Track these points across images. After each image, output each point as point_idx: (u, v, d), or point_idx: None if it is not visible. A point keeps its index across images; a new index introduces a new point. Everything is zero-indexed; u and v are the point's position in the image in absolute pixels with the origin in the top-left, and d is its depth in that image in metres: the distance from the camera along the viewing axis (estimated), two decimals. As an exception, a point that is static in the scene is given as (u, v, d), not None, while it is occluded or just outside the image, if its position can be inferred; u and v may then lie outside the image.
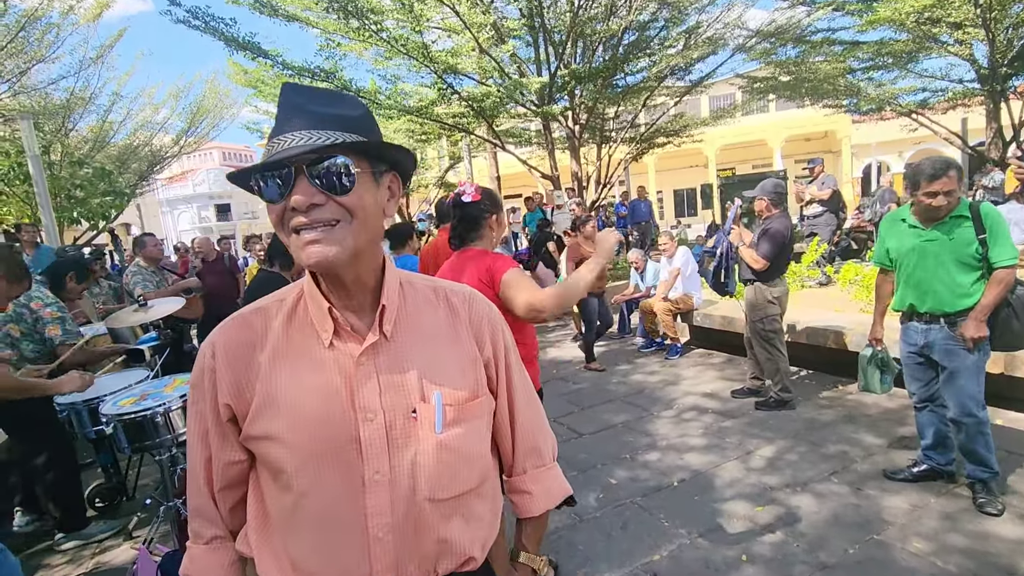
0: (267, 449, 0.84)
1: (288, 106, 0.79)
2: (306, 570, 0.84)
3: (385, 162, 0.84)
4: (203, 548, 0.94)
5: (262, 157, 0.79)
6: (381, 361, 0.85)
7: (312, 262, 0.76)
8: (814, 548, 2.51)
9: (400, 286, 0.91)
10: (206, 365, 0.87)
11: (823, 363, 4.72)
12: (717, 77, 11.31)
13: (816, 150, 23.72)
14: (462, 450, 0.88)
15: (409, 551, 0.85)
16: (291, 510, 0.84)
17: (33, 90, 10.88)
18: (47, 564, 2.98)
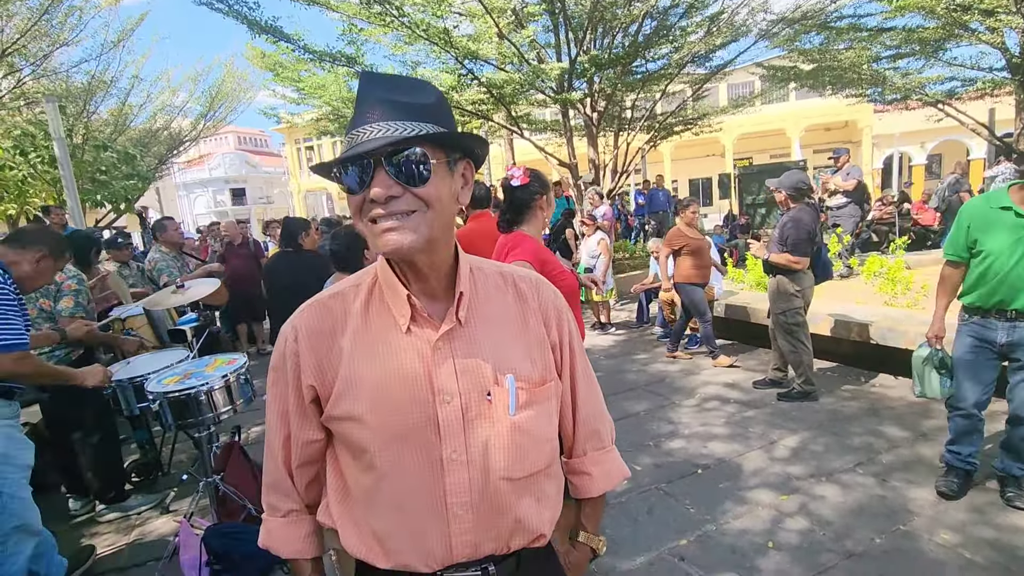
0: (349, 429, 0.87)
1: (366, 95, 0.81)
2: (389, 545, 0.88)
3: (459, 150, 0.86)
4: (281, 521, 0.99)
5: (343, 146, 0.81)
6: (457, 346, 0.88)
7: (389, 250, 0.80)
8: (840, 537, 2.54)
9: (471, 272, 0.93)
10: (288, 349, 0.91)
11: (846, 356, 4.71)
12: (738, 65, 11.12)
13: (836, 140, 23.31)
14: (533, 432, 0.91)
15: (486, 528, 0.88)
16: (373, 488, 0.88)
17: (55, 73, 10.99)
18: (92, 534, 3.10)
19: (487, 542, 0.89)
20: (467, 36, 8.32)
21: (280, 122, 15.04)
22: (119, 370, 2.95)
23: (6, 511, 2.13)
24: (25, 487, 2.25)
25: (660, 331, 6.29)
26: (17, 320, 2.15)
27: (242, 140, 41.21)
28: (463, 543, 0.87)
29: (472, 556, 0.89)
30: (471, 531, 0.87)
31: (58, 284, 3.01)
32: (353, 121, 0.81)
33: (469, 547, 0.88)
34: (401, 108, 0.79)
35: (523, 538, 0.93)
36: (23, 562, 2.20)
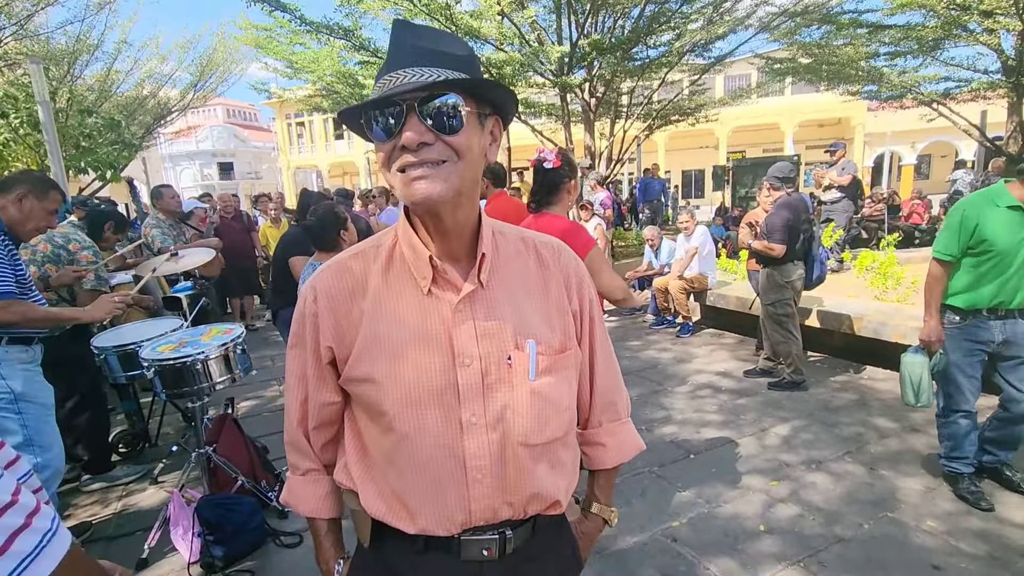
0: (367, 391, 0.86)
1: (398, 42, 0.78)
2: (410, 506, 0.87)
3: (490, 104, 0.83)
4: (300, 479, 1.01)
5: (372, 93, 0.79)
6: (478, 309, 0.86)
7: (418, 198, 0.77)
8: (830, 522, 2.58)
9: (493, 235, 0.91)
10: (307, 310, 0.90)
11: (836, 348, 4.78)
12: (737, 56, 11.10)
13: (829, 136, 23.42)
14: (552, 398, 0.90)
15: (503, 493, 0.87)
16: (393, 450, 0.86)
17: (37, 35, 10.62)
18: (74, 504, 3.06)
19: (504, 507, 0.88)
20: (468, 12, 8.17)
21: (271, 96, 14.73)
22: (106, 336, 2.89)
23: (34, 445, 2.22)
24: (51, 424, 2.33)
25: (652, 318, 6.32)
26: (3, 271, 2.14)
27: (231, 113, 40.32)
28: (482, 507, 0.87)
29: (490, 520, 0.88)
30: (489, 495, 0.86)
31: (71, 252, 2.95)
32: (384, 66, 0.79)
33: (488, 511, 0.87)
34: (435, 55, 0.77)
35: (539, 504, 0.92)
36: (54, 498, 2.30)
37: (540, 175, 2.21)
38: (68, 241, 2.97)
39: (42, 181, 2.37)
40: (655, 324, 6.23)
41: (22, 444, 2.20)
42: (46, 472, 2.26)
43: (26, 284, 2.29)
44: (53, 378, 2.92)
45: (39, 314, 2.27)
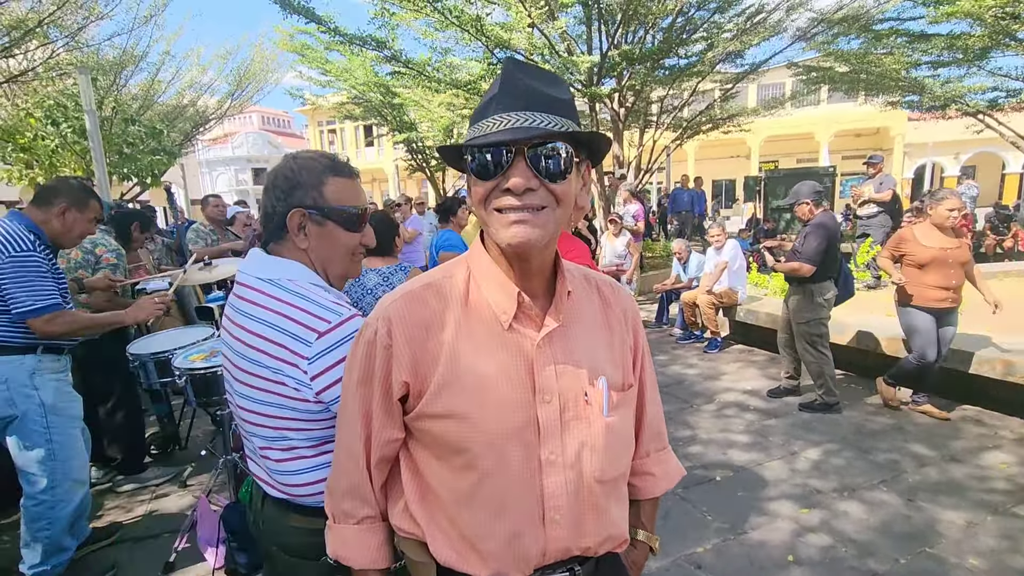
0: (447, 428, 0.83)
1: (510, 82, 0.78)
2: (483, 549, 0.84)
3: (586, 150, 0.84)
4: (355, 528, 0.94)
5: (469, 132, 0.79)
6: (556, 346, 0.86)
7: (516, 242, 0.77)
8: (863, 555, 2.47)
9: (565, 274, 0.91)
10: (380, 341, 0.85)
11: (872, 368, 4.60)
12: (772, 64, 10.90)
13: (866, 147, 22.84)
14: (623, 433, 0.92)
15: (579, 532, 0.87)
16: (469, 491, 0.84)
17: (87, 46, 11.10)
18: (109, 504, 3.15)
19: (576, 548, 0.88)
20: (499, 24, 8.23)
21: (305, 103, 15.09)
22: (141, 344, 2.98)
23: (56, 458, 2.27)
24: (76, 437, 2.38)
25: (680, 333, 6.22)
26: (46, 284, 2.20)
27: (266, 120, 41.44)
28: (557, 548, 0.86)
29: (561, 558, 0.88)
30: (565, 536, 0.86)
31: (97, 257, 3.06)
32: (489, 105, 0.78)
33: (561, 551, 0.87)
34: (546, 100, 0.77)
35: (612, 543, 0.92)
36: (72, 510, 2.35)
37: None
38: (95, 245, 3.08)
39: (81, 191, 2.42)
40: (682, 339, 6.12)
41: (44, 457, 2.26)
42: (64, 484, 2.31)
43: (67, 296, 2.37)
44: (91, 380, 3.07)
45: (84, 322, 2.34)
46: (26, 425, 2.23)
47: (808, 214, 3.94)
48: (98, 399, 3.14)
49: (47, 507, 2.28)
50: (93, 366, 3.08)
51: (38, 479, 2.26)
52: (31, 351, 2.25)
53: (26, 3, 8.78)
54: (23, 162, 10.33)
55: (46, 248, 2.30)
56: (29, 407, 2.23)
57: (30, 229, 2.25)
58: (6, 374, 2.19)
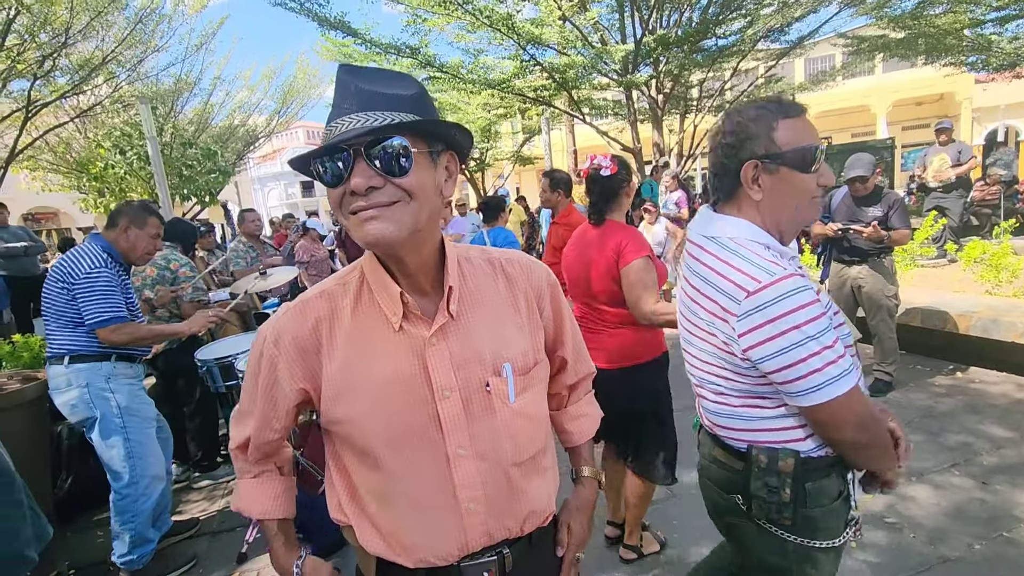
0: (350, 431, 0.86)
1: (343, 88, 0.78)
2: (405, 542, 0.88)
3: (441, 141, 0.83)
4: (252, 481, 1.01)
5: (322, 142, 0.79)
6: (451, 340, 0.86)
7: (371, 239, 0.77)
8: (933, 540, 2.36)
9: (459, 264, 0.92)
10: (266, 352, 0.88)
11: (938, 348, 4.35)
12: (818, 37, 10.40)
13: (929, 115, 21.41)
14: (534, 414, 0.94)
15: (499, 516, 0.89)
16: (382, 489, 0.87)
17: (147, 77, 11.87)
18: (186, 500, 3.38)
19: (500, 530, 0.90)
20: (529, 20, 8.25)
21: (347, 115, 15.58)
22: (207, 350, 3.20)
23: (134, 456, 2.48)
24: (151, 436, 2.58)
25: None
26: (114, 298, 2.39)
27: (310, 134, 42.97)
28: (478, 534, 0.88)
29: (487, 544, 0.90)
30: (484, 522, 0.88)
31: (173, 272, 3.30)
32: (330, 115, 0.79)
33: (484, 536, 0.89)
34: (380, 98, 0.77)
35: (536, 519, 0.94)
36: (152, 503, 2.55)
37: (597, 183, 2.16)
38: (168, 261, 3.32)
39: (140, 210, 2.61)
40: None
41: (123, 455, 2.46)
42: (144, 480, 2.51)
43: (135, 309, 2.58)
44: (173, 387, 3.34)
45: (144, 332, 2.53)
46: (106, 425, 2.44)
47: (866, 187, 3.75)
48: (179, 404, 3.45)
49: (130, 501, 2.49)
50: (174, 375, 3.40)
51: (121, 475, 2.47)
52: (106, 359, 2.47)
53: (91, 43, 9.47)
54: (96, 190, 11.16)
55: (119, 266, 2.51)
56: (107, 409, 2.43)
57: (104, 249, 2.47)
58: (86, 379, 2.41)
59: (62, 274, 2.36)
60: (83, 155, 11.73)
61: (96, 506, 3.14)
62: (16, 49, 7.93)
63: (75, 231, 20.34)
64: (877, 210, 3.67)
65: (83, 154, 11.79)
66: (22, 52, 8.03)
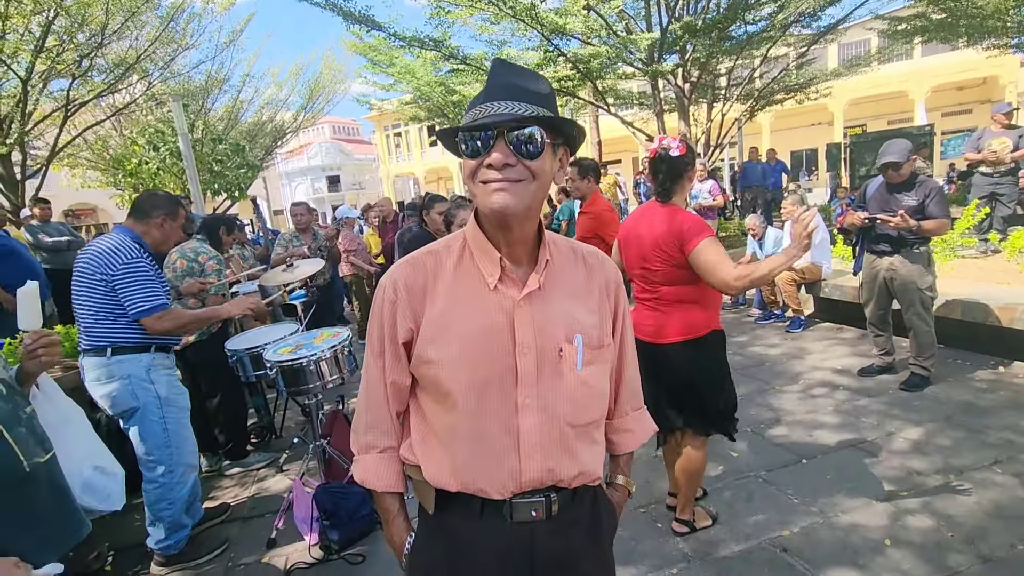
0: (436, 372, 0.97)
1: (496, 78, 0.93)
2: (467, 476, 0.98)
3: (562, 136, 0.96)
4: (378, 457, 1.09)
5: (465, 119, 0.93)
6: (536, 306, 0.98)
7: (497, 207, 0.90)
8: (972, 539, 2.28)
9: (549, 244, 1.03)
10: (387, 298, 1.02)
11: (980, 342, 4.19)
12: (852, 20, 10.02)
13: (969, 100, 20.61)
14: (595, 386, 1.04)
15: (551, 465, 0.99)
16: (456, 426, 0.98)
17: (178, 75, 12.15)
18: (218, 487, 3.47)
19: (550, 478, 1.00)
20: (553, 10, 8.16)
21: (371, 109, 15.71)
22: (236, 340, 3.26)
23: (171, 444, 2.53)
24: (186, 426, 2.64)
25: (758, 313, 5.94)
26: (155, 286, 2.42)
27: (336, 130, 43.48)
28: (532, 476, 0.98)
29: (537, 486, 0.99)
30: (539, 466, 0.98)
31: (201, 264, 3.36)
32: (480, 96, 0.93)
33: (535, 479, 0.99)
34: (524, 92, 0.91)
35: (583, 478, 1.04)
36: (186, 491, 2.63)
37: (665, 164, 2.21)
38: (197, 254, 3.38)
39: (171, 201, 2.65)
40: (761, 319, 5.84)
41: (161, 444, 2.51)
42: (180, 468, 2.57)
43: (169, 297, 2.61)
44: (201, 377, 3.40)
45: (189, 318, 2.58)
46: (146, 416, 2.48)
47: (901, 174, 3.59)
48: (207, 392, 3.50)
49: (167, 489, 2.54)
50: (202, 363, 3.45)
51: (157, 464, 2.52)
52: (145, 350, 2.49)
53: (125, 43, 9.73)
54: (131, 186, 11.49)
55: (151, 257, 2.53)
56: (148, 399, 2.48)
57: (135, 240, 2.48)
58: (128, 370, 2.45)
59: (97, 266, 2.36)
60: (119, 152, 12.09)
61: (133, 490, 3.23)
62: (56, 50, 8.20)
63: (111, 226, 21.06)
64: (911, 199, 3.53)
65: (119, 151, 12.15)
66: (61, 53, 8.30)
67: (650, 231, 2.24)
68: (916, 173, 3.62)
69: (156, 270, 2.52)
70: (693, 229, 2.11)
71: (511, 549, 1.00)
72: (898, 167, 3.51)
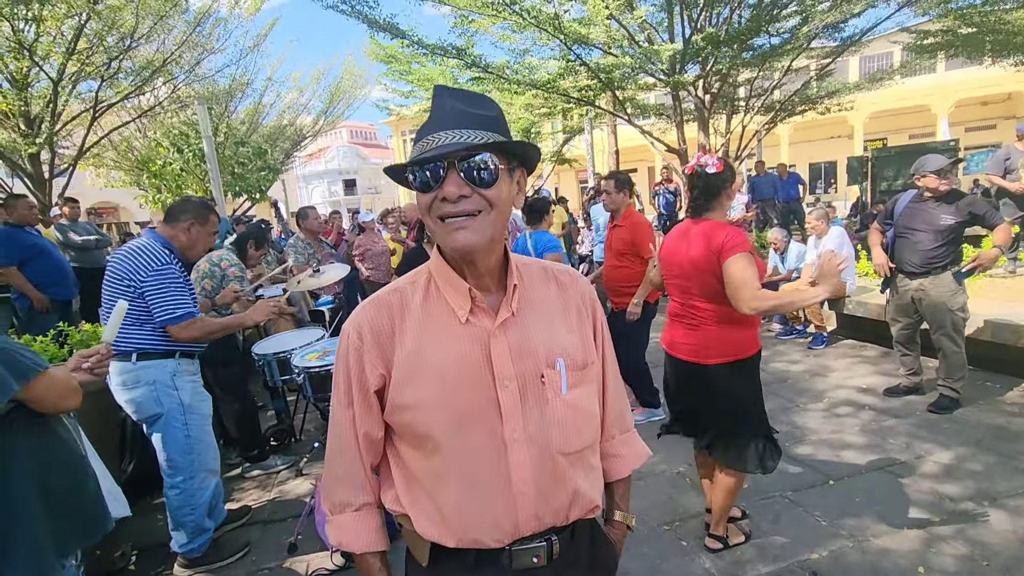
0: (414, 416, 0.92)
1: (439, 105, 0.89)
2: (460, 524, 0.93)
3: (517, 158, 0.93)
4: (354, 515, 1.01)
5: (413, 152, 0.89)
6: (511, 334, 0.94)
7: (458, 246, 0.87)
8: (1010, 569, 2.22)
9: (517, 268, 1.00)
10: (351, 345, 0.96)
11: (1012, 364, 4.10)
12: (877, 33, 9.92)
13: (994, 116, 20.29)
14: (584, 408, 0.99)
15: (547, 501, 0.94)
16: (441, 472, 0.93)
17: (204, 78, 12.35)
18: (239, 489, 3.49)
19: (548, 515, 0.95)
20: (577, 20, 8.18)
21: (390, 114, 15.82)
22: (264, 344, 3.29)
23: (193, 451, 2.53)
24: (208, 432, 2.63)
25: (780, 328, 5.87)
26: (183, 293, 2.41)
27: (354, 134, 43.86)
28: (528, 517, 0.93)
29: (536, 530, 0.95)
30: (534, 504, 0.93)
31: (223, 270, 3.40)
32: (426, 127, 0.89)
33: (534, 520, 0.94)
34: (471, 118, 0.87)
35: (580, 509, 0.99)
36: (208, 496, 2.62)
37: (701, 180, 2.22)
38: (221, 260, 3.41)
39: (203, 207, 2.63)
40: (782, 334, 5.77)
41: (183, 450, 2.49)
42: (200, 474, 2.56)
43: (195, 303, 2.56)
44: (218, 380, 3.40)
45: (215, 326, 2.57)
46: (169, 422, 2.45)
47: (936, 188, 3.51)
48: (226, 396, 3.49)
49: (188, 495, 2.53)
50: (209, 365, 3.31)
51: (179, 471, 2.51)
52: (171, 356, 2.47)
53: (152, 46, 9.92)
54: (154, 187, 11.68)
55: (179, 262, 2.52)
56: (172, 406, 2.45)
57: (164, 245, 2.47)
58: (153, 376, 2.42)
59: (125, 272, 2.35)
60: (143, 153, 12.29)
61: (158, 490, 3.27)
62: (86, 52, 8.37)
63: (132, 225, 21.38)
64: (951, 217, 3.46)
65: (143, 152, 12.36)
66: (91, 55, 8.48)
67: (688, 248, 2.24)
68: (957, 190, 3.55)
69: (185, 277, 2.51)
70: (733, 241, 2.10)
71: None
72: (945, 174, 3.46)
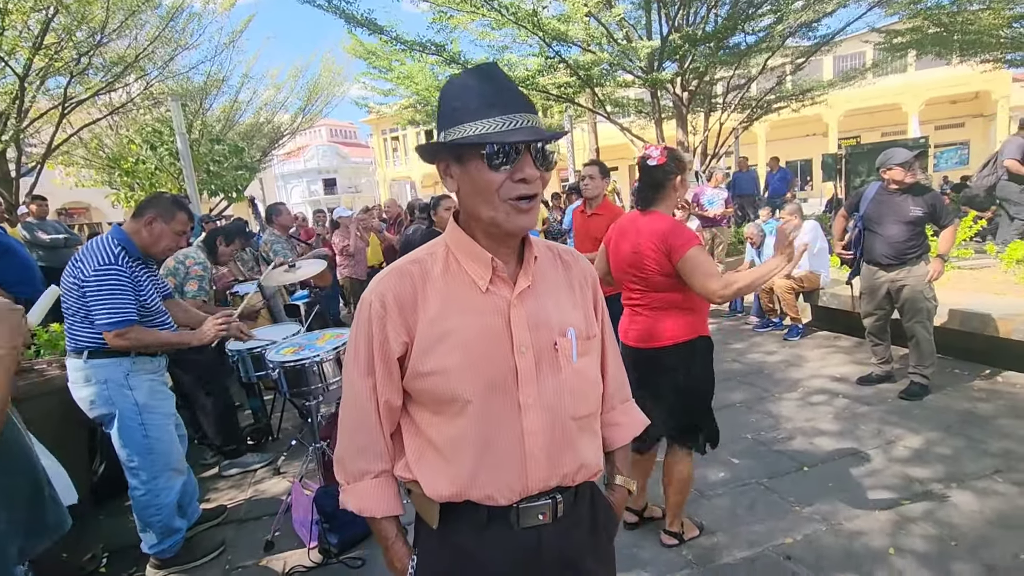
0: (436, 382, 0.95)
1: (504, 85, 0.92)
2: (476, 485, 0.96)
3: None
4: (373, 482, 1.03)
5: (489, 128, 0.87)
6: (528, 303, 0.99)
7: (523, 226, 0.94)
8: (976, 548, 2.28)
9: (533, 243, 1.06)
10: (374, 313, 0.97)
11: (978, 352, 4.21)
12: (849, 33, 10.14)
13: (963, 114, 20.87)
14: (590, 376, 1.07)
15: (555, 464, 0.99)
16: (461, 436, 0.96)
17: (178, 75, 12.09)
18: (214, 488, 3.43)
19: (555, 478, 0.99)
20: (555, 17, 8.20)
21: (370, 112, 15.69)
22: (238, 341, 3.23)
23: (154, 451, 2.45)
24: (169, 431, 2.54)
25: (757, 320, 5.95)
26: (125, 296, 2.26)
27: (333, 132, 43.30)
28: (537, 478, 0.97)
29: (543, 489, 0.99)
30: (544, 467, 0.97)
31: (187, 268, 3.33)
32: (494, 103, 0.88)
33: (542, 481, 0.98)
34: (529, 104, 0.92)
35: (585, 472, 1.04)
36: (174, 496, 2.53)
37: (644, 172, 2.22)
38: (186, 257, 3.34)
39: (171, 204, 2.47)
40: (759, 327, 5.85)
41: (142, 450, 2.41)
42: (164, 475, 2.47)
43: (150, 308, 2.41)
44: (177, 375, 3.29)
45: (150, 339, 2.38)
46: (124, 422, 2.37)
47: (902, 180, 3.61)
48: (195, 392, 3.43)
49: (153, 495, 2.45)
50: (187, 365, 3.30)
51: (139, 471, 2.43)
52: (125, 354, 2.35)
53: (124, 41, 9.67)
54: (127, 185, 11.41)
55: (136, 260, 2.37)
56: (126, 405, 2.36)
57: (119, 242, 2.32)
58: (105, 375, 2.33)
59: (75, 269, 2.27)
60: (115, 151, 12.01)
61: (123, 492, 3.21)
62: (54, 47, 8.14)
63: (105, 225, 20.88)
64: (919, 209, 3.55)
65: (115, 150, 12.07)
66: (59, 50, 8.24)
67: (635, 239, 2.23)
68: (921, 184, 3.65)
69: (136, 279, 2.34)
70: (680, 238, 2.09)
71: (519, 556, 0.99)
72: (909, 166, 3.56)
